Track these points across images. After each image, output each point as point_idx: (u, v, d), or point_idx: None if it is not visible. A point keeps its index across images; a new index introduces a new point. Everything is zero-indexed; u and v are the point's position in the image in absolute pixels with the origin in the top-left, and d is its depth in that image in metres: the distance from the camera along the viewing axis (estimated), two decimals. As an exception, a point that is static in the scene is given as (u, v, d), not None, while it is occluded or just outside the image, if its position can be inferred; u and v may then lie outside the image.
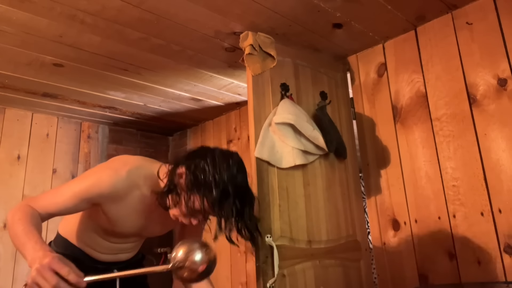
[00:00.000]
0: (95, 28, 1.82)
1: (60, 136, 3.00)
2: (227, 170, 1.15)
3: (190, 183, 1.14)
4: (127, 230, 1.30)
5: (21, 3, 1.61)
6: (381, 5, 1.76)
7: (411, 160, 1.91)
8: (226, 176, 1.14)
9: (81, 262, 1.29)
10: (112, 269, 1.37)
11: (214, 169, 1.14)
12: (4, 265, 2.58)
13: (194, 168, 1.15)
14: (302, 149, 1.77)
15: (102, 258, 1.35)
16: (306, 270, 1.71)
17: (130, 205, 1.23)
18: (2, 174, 2.69)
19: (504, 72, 1.66)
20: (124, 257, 1.42)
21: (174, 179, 1.18)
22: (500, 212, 1.61)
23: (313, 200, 1.83)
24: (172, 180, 1.18)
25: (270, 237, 1.60)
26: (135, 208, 1.25)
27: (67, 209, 1.17)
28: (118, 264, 1.39)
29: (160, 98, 2.73)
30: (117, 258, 1.39)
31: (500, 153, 1.63)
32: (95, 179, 1.18)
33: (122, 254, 1.40)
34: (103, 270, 1.33)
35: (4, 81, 2.36)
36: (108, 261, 1.37)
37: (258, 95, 1.79)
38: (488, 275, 1.60)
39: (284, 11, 1.77)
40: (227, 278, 2.83)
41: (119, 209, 1.22)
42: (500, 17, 1.69)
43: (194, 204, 1.14)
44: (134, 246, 1.43)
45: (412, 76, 1.95)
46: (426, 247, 1.81)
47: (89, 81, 2.40)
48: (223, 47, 2.05)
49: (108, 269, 1.35)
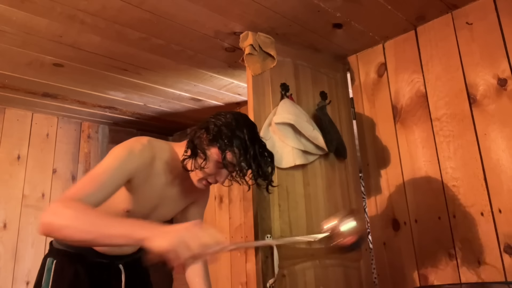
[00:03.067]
0: (95, 28, 1.82)
1: (60, 136, 3.00)
2: (244, 120, 1.25)
3: (213, 137, 1.20)
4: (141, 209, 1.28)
5: (21, 3, 1.61)
6: (381, 5, 1.76)
7: (411, 160, 1.91)
8: (245, 124, 1.23)
9: (86, 258, 1.29)
10: (117, 264, 1.36)
11: (231, 120, 1.22)
12: (4, 265, 2.58)
13: (213, 125, 1.22)
14: (302, 149, 1.77)
15: (106, 250, 1.34)
16: (306, 270, 1.71)
17: (153, 176, 1.24)
18: (2, 174, 2.69)
19: (504, 72, 1.66)
20: (129, 250, 1.41)
21: (195, 141, 1.23)
22: (500, 212, 1.61)
23: (313, 200, 1.83)
24: (193, 141, 1.23)
25: (270, 237, 1.60)
26: (155, 181, 1.25)
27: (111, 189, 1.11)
28: (123, 258, 1.39)
29: (160, 98, 2.73)
30: (122, 251, 1.38)
31: (500, 153, 1.63)
32: (127, 151, 1.17)
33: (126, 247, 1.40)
34: (108, 265, 1.34)
35: (4, 81, 2.36)
36: (113, 254, 1.36)
37: (258, 95, 1.79)
38: (488, 275, 1.60)
39: (284, 11, 1.77)
40: (227, 278, 2.83)
41: (145, 180, 1.22)
42: (500, 17, 1.69)
43: (219, 157, 1.19)
44: None
45: (412, 76, 1.95)
46: (426, 247, 1.81)
47: (89, 81, 2.40)
48: (223, 47, 2.05)
49: (113, 264, 1.36)
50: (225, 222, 2.94)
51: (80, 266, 1.29)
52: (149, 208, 1.31)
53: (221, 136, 1.19)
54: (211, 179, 1.25)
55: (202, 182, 1.26)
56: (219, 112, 1.28)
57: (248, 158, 1.18)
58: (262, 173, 1.23)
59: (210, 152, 1.20)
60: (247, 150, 1.18)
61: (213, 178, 1.25)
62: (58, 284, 1.26)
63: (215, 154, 1.20)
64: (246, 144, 1.18)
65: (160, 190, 1.29)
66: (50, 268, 1.28)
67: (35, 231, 2.73)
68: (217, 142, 1.19)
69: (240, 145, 1.18)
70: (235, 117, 1.24)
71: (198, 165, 1.21)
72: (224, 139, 1.18)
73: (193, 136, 1.25)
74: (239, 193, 2.89)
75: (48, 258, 1.31)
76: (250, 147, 1.19)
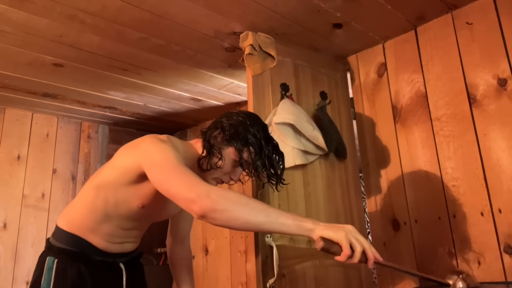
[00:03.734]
0: (95, 28, 1.82)
1: (60, 136, 3.00)
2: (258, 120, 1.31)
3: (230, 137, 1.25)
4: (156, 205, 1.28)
5: (21, 3, 1.61)
6: (381, 5, 1.76)
7: (411, 160, 1.91)
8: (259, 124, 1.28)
9: (88, 257, 1.28)
10: (119, 261, 1.36)
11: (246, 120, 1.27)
12: (4, 265, 2.58)
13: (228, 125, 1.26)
14: (302, 149, 1.77)
15: (109, 248, 1.33)
16: (306, 270, 1.71)
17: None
18: (2, 174, 2.69)
19: (504, 72, 1.66)
20: (129, 248, 1.41)
21: (210, 140, 1.27)
22: (500, 212, 1.61)
23: (313, 200, 1.83)
24: (209, 141, 1.27)
25: (270, 237, 1.60)
26: None
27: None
28: (124, 256, 1.39)
29: (160, 98, 2.73)
30: (123, 248, 1.38)
31: (500, 153, 1.63)
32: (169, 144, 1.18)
33: (127, 244, 1.39)
34: (110, 264, 1.34)
35: (4, 81, 2.36)
36: (115, 251, 1.35)
37: (258, 95, 1.79)
38: (488, 275, 1.60)
39: (284, 11, 1.76)
40: (227, 278, 2.83)
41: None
42: (500, 17, 1.69)
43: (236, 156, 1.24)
44: (139, 235, 1.44)
45: (412, 76, 1.95)
46: (426, 247, 1.81)
47: (89, 81, 2.40)
48: (223, 47, 2.05)
49: (114, 262, 1.35)
50: (225, 222, 2.93)
51: (83, 265, 1.27)
52: (162, 203, 1.31)
53: (238, 136, 1.24)
54: (225, 178, 1.31)
55: (216, 181, 1.31)
56: (231, 112, 1.32)
57: (263, 157, 1.24)
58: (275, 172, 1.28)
59: (227, 151, 1.26)
60: (262, 149, 1.24)
61: (227, 177, 1.31)
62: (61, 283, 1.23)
63: (232, 154, 1.26)
64: (261, 144, 1.24)
65: None
66: (51, 267, 1.25)
67: (35, 231, 2.73)
68: (234, 141, 1.24)
69: (255, 145, 1.24)
70: (248, 117, 1.30)
71: (214, 164, 1.25)
72: (241, 139, 1.24)
73: (209, 136, 1.28)
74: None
75: (48, 257, 1.27)
76: (265, 147, 1.25)
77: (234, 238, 2.85)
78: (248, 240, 2.73)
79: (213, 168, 1.26)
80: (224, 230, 2.92)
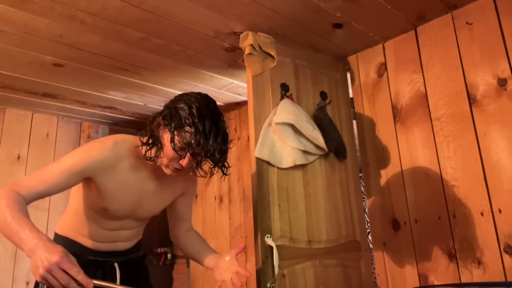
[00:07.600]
0: (95, 28, 1.82)
1: (60, 136, 3.00)
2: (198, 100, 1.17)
3: (167, 123, 1.16)
4: (121, 206, 1.29)
5: (21, 3, 1.61)
6: (381, 5, 1.76)
7: (411, 160, 1.91)
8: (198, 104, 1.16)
9: (79, 256, 1.29)
10: (112, 261, 1.36)
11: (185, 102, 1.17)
12: (4, 265, 2.58)
13: (167, 110, 1.18)
14: (302, 149, 1.77)
15: (100, 247, 1.35)
16: (306, 270, 1.71)
17: (121, 176, 1.24)
18: (2, 174, 2.69)
19: (504, 72, 1.66)
20: (123, 246, 1.41)
21: (153, 129, 1.21)
22: (500, 212, 1.61)
23: (313, 200, 1.83)
24: (151, 131, 1.22)
25: (270, 237, 1.60)
26: (127, 179, 1.26)
27: (58, 185, 1.14)
28: (117, 256, 1.39)
29: (160, 98, 2.73)
30: (116, 247, 1.39)
31: (500, 153, 1.63)
32: (83, 151, 1.20)
33: (120, 243, 1.39)
34: (102, 263, 1.34)
35: (4, 81, 2.36)
36: (106, 250, 1.36)
37: (258, 95, 1.79)
38: (488, 275, 1.61)
39: (284, 11, 1.77)
40: (227, 278, 2.82)
41: (111, 180, 1.23)
42: (500, 17, 1.69)
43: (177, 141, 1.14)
44: (131, 234, 1.42)
45: (412, 76, 1.95)
46: (426, 247, 1.81)
47: (89, 81, 2.40)
48: (223, 47, 2.05)
49: (107, 262, 1.36)
50: (225, 222, 2.94)
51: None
52: (130, 204, 1.31)
53: (169, 116, 1.16)
54: (176, 165, 1.20)
55: (169, 168, 1.22)
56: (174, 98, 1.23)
57: (198, 138, 1.12)
58: (211, 154, 1.15)
59: (165, 136, 1.17)
60: (198, 129, 1.12)
61: (177, 163, 1.19)
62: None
63: (166, 139, 1.17)
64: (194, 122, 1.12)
65: (136, 186, 1.29)
66: None
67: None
68: (167, 125, 1.17)
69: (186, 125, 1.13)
70: (184, 97, 1.19)
71: (155, 153, 1.20)
72: (171, 121, 1.15)
73: (151, 125, 1.22)
74: (239, 193, 2.89)
75: None
76: (199, 125, 1.12)
77: (234, 238, 2.84)
78: (248, 240, 2.73)
79: (156, 157, 1.20)
80: (224, 230, 2.92)
